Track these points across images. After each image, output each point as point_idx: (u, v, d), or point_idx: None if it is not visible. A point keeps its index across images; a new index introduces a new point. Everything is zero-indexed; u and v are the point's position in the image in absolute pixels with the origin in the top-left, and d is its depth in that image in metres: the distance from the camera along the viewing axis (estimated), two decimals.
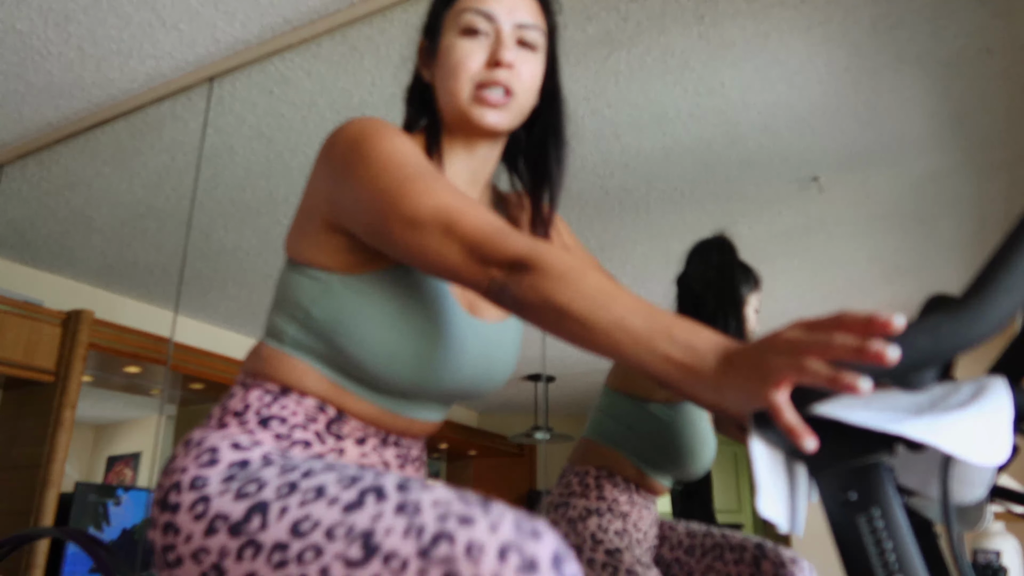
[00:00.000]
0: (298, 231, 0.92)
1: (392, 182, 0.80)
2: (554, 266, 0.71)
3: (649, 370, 0.67)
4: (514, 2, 0.94)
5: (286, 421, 0.85)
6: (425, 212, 0.77)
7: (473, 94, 0.91)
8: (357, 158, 0.83)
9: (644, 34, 2.15)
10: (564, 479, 1.65)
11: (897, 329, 0.56)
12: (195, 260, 3.56)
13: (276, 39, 2.14)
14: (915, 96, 2.42)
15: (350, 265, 0.87)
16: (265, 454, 0.82)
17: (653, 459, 1.62)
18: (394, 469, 0.93)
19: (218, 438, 0.83)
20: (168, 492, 0.79)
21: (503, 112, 0.92)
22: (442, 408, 0.99)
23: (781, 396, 0.59)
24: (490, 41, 0.93)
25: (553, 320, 0.71)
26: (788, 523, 0.62)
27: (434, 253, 0.76)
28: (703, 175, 2.90)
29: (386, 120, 0.89)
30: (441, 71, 0.95)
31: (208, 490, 0.77)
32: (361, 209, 0.82)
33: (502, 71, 0.91)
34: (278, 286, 0.93)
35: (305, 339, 0.88)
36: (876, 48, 2.20)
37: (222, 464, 0.79)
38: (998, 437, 0.58)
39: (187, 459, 0.81)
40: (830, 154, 2.76)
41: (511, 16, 0.93)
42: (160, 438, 4.40)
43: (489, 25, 0.93)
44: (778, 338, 0.60)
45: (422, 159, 0.84)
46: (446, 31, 0.95)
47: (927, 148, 2.73)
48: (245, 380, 0.89)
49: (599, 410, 1.70)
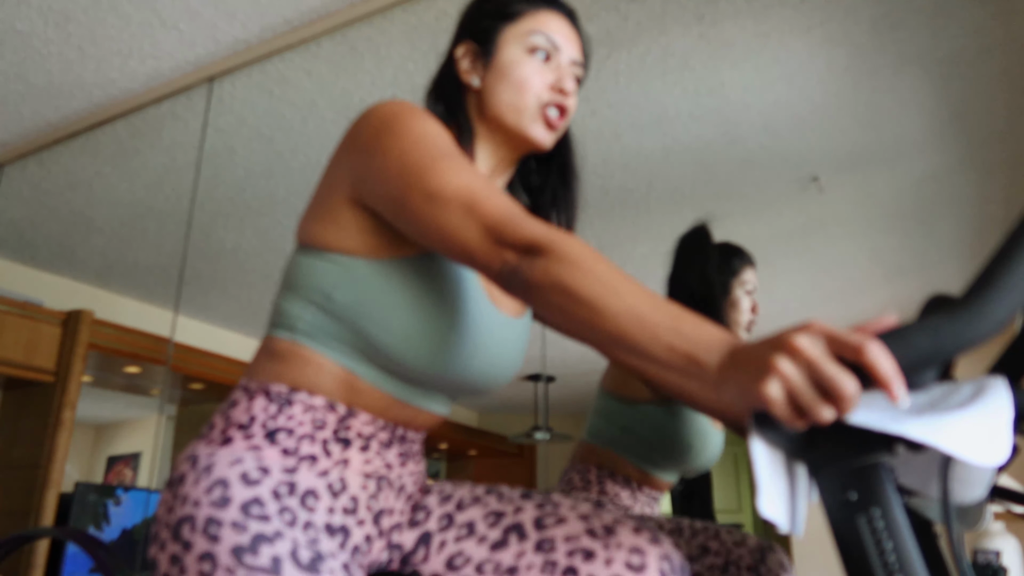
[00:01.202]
0: (315, 216, 0.92)
1: (422, 157, 0.82)
2: (568, 251, 0.72)
3: (653, 360, 0.66)
4: (573, 38, 1.02)
5: (293, 433, 0.85)
6: (449, 189, 0.79)
7: (536, 112, 0.97)
8: (389, 133, 0.85)
9: (644, 34, 2.15)
10: (566, 476, 1.65)
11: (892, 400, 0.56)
12: (195, 260, 3.56)
13: (276, 39, 2.14)
14: (915, 96, 2.42)
15: (373, 248, 0.87)
16: (274, 490, 0.81)
17: (651, 458, 1.62)
18: (396, 469, 0.94)
19: (226, 464, 0.82)
20: (180, 524, 0.78)
21: (554, 134, 0.99)
22: (447, 402, 1.00)
23: (773, 389, 0.58)
24: (553, 67, 0.99)
25: (561, 304, 0.71)
26: (788, 523, 0.62)
27: (452, 230, 0.78)
28: (703, 175, 2.91)
29: None
30: (501, 81, 0.98)
31: (219, 546, 0.76)
32: (387, 180, 0.83)
33: (565, 97, 0.99)
34: (287, 274, 0.93)
35: (325, 323, 0.88)
36: (876, 48, 2.20)
37: (234, 505, 0.78)
38: (998, 437, 0.58)
39: (197, 489, 0.80)
40: (830, 154, 2.76)
41: (570, 51, 1.01)
42: (160, 438, 4.40)
43: (555, 53, 1.00)
44: (782, 339, 0.59)
45: (452, 143, 0.87)
46: (507, 44, 1.00)
47: (927, 148, 2.73)
48: (249, 384, 0.89)
49: (596, 412, 1.70)
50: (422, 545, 0.94)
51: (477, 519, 0.90)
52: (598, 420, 1.68)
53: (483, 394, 0.99)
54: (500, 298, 0.97)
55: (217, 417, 0.88)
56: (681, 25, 2.12)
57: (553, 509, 0.90)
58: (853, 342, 0.56)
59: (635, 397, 1.62)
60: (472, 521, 0.91)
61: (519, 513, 0.86)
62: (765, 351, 0.59)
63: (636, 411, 1.61)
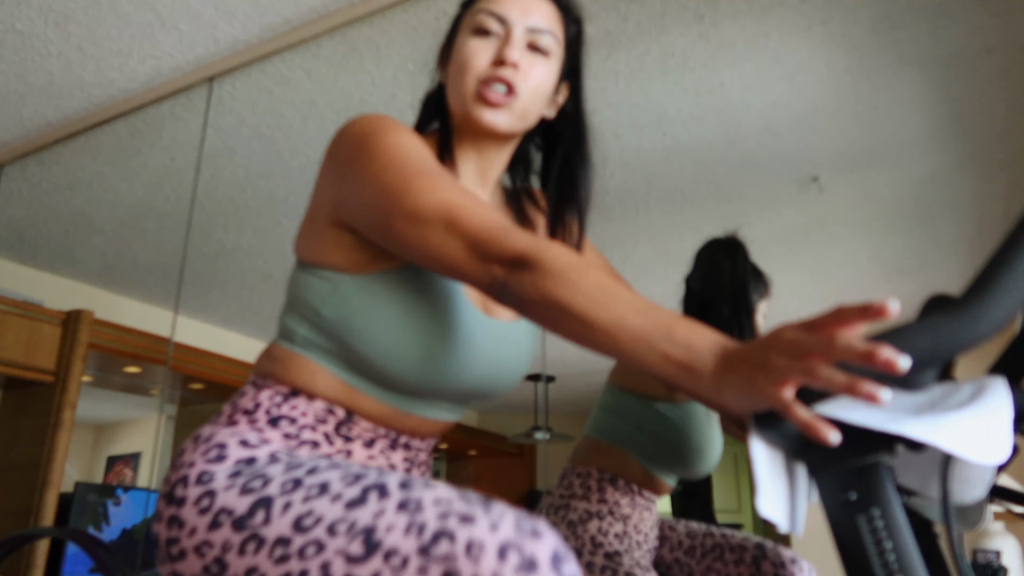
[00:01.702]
0: (306, 231, 0.93)
1: (396, 178, 0.80)
2: (555, 264, 0.71)
3: (649, 368, 0.67)
4: (529, 6, 0.94)
5: (296, 421, 0.86)
6: (428, 208, 0.77)
7: (476, 91, 0.91)
8: (362, 154, 0.84)
9: (644, 34, 2.15)
10: (565, 480, 1.64)
11: (893, 312, 0.56)
12: (195, 260, 3.56)
13: (276, 39, 2.14)
14: (915, 96, 2.42)
15: (358, 264, 0.87)
16: (272, 452, 0.82)
17: (660, 459, 1.61)
18: (401, 472, 0.93)
19: (227, 435, 0.83)
20: (175, 486, 0.79)
21: (503, 112, 0.92)
22: (454, 408, 0.98)
23: (788, 394, 0.59)
24: (496, 41, 0.93)
25: (554, 318, 0.71)
26: (788, 523, 0.62)
27: (436, 249, 0.77)
28: (703, 175, 2.90)
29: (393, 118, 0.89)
30: (450, 70, 0.95)
31: (214, 485, 0.77)
32: (365, 204, 0.82)
33: (506, 69, 0.91)
34: (289, 287, 0.94)
35: (315, 339, 0.88)
36: (876, 48, 2.20)
37: (229, 460, 0.80)
38: (998, 437, 0.58)
39: (195, 454, 0.81)
40: (830, 154, 2.76)
41: (524, 19, 0.93)
42: (160, 438, 4.40)
43: (500, 26, 0.93)
44: (779, 338, 0.60)
45: (427, 156, 0.84)
46: (460, 31, 0.96)
47: (927, 148, 2.73)
48: (256, 380, 0.90)
49: (604, 409, 1.68)
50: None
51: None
52: (609, 416, 1.66)
53: (489, 399, 0.97)
54: (492, 304, 0.95)
55: (226, 405, 0.89)
56: (681, 25, 2.12)
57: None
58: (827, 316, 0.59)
59: (650, 394, 1.61)
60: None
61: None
62: (768, 357, 0.60)
63: (651, 408, 1.61)
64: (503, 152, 0.99)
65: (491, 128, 0.92)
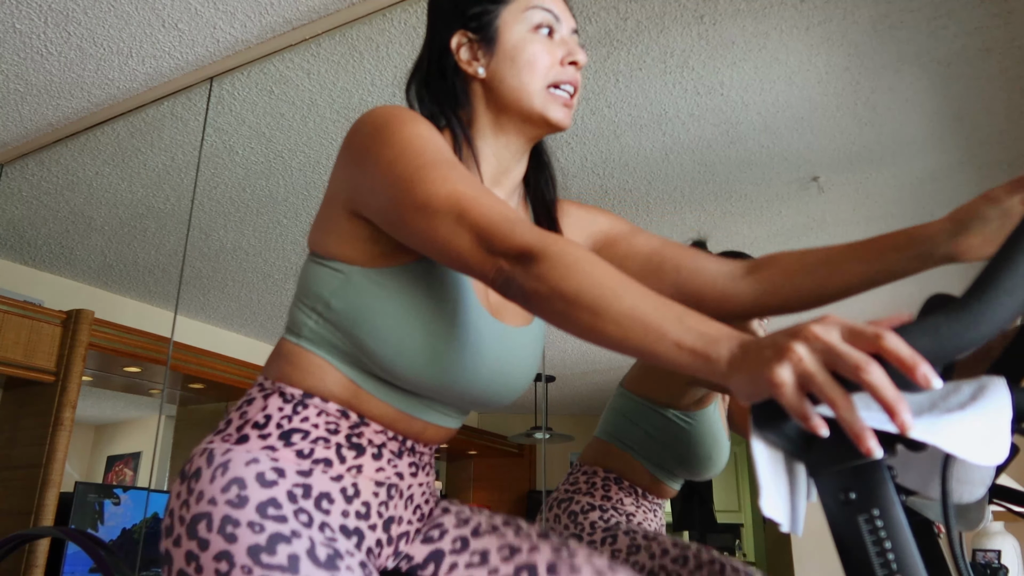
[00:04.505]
0: (320, 222, 0.92)
1: (409, 168, 0.80)
2: (562, 256, 0.70)
3: (660, 359, 0.65)
4: (567, 8, 0.98)
5: (308, 435, 0.85)
6: (437, 199, 0.77)
7: (546, 90, 0.93)
8: (377, 143, 0.84)
9: (644, 34, 2.15)
10: (572, 476, 1.64)
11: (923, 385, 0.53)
12: (195, 260, 3.56)
13: (276, 39, 2.14)
14: (915, 96, 2.42)
15: (372, 257, 0.86)
16: (289, 491, 0.81)
17: (668, 465, 1.61)
18: (407, 479, 0.93)
19: (242, 464, 0.81)
20: (197, 522, 0.78)
21: (570, 111, 0.95)
22: (457, 414, 0.98)
23: (785, 374, 0.56)
24: (559, 41, 0.95)
25: (561, 310, 0.70)
26: (789, 523, 0.62)
27: (444, 240, 0.76)
28: (703, 175, 2.91)
29: None
30: (510, 65, 0.94)
31: (236, 546, 0.76)
32: (378, 193, 0.82)
33: (575, 71, 0.94)
34: (300, 279, 0.93)
35: (324, 331, 0.87)
36: (876, 48, 2.20)
37: (251, 505, 0.78)
38: (998, 437, 0.58)
39: (213, 487, 0.79)
40: (830, 154, 2.76)
41: (569, 21, 0.97)
42: (160, 438, 4.40)
43: (557, 25, 0.96)
44: (805, 328, 0.58)
45: (443, 147, 0.84)
46: (509, 25, 0.95)
47: (927, 148, 2.73)
48: (264, 383, 0.89)
49: (615, 411, 1.68)
50: (432, 562, 0.92)
51: (491, 549, 0.89)
52: (620, 420, 1.65)
53: (491, 406, 0.96)
54: (503, 308, 0.94)
55: (233, 414, 0.88)
56: (681, 25, 2.12)
57: (569, 557, 0.88)
58: (869, 332, 0.55)
59: (662, 401, 1.61)
60: (486, 550, 0.90)
61: (534, 552, 0.84)
62: (780, 339, 0.58)
63: (664, 416, 1.60)
64: (527, 150, 0.99)
65: (562, 125, 0.94)
